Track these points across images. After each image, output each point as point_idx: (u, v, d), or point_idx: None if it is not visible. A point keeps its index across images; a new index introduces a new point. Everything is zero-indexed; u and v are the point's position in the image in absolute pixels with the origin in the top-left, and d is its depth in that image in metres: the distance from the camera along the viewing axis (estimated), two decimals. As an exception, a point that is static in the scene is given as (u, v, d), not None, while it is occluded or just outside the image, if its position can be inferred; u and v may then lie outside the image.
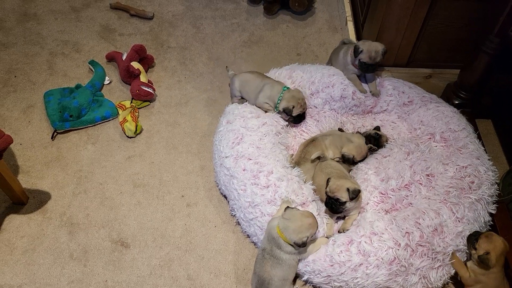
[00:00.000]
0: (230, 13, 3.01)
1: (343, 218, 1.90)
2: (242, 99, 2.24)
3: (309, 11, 3.04)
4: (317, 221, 1.69)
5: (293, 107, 2.08)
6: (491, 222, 1.92)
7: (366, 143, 2.09)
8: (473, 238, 1.72)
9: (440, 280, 1.76)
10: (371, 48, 2.13)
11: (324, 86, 2.28)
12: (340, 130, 2.17)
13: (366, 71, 2.21)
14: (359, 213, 1.89)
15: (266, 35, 2.89)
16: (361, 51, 2.13)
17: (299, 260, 1.74)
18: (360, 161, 2.06)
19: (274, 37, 2.89)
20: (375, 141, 2.13)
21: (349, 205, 1.77)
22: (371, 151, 2.11)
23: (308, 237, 1.63)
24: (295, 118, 2.14)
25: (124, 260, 1.88)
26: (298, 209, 1.72)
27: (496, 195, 1.96)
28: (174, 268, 1.87)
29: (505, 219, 1.92)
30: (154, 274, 1.85)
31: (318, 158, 2.00)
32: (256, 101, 2.16)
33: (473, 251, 1.69)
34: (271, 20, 2.99)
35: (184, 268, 1.87)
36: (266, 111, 2.16)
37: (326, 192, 1.79)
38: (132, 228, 1.98)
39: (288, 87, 2.15)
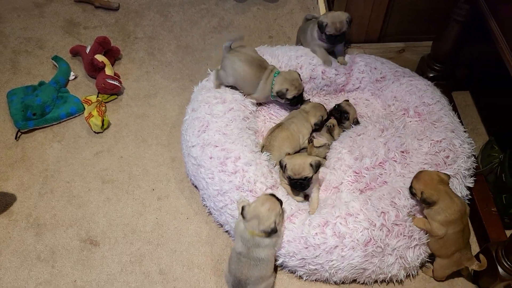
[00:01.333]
0: (199, -1, 2.92)
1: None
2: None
3: (280, -8, 2.95)
4: (276, 199, 1.62)
5: (287, 90, 2.00)
6: (470, 196, 1.87)
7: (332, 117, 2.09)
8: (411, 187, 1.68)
9: (418, 259, 1.71)
10: (335, 20, 2.07)
11: (293, 68, 2.21)
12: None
13: (335, 43, 2.15)
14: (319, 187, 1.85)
15: (237, 19, 2.81)
16: (326, 24, 2.07)
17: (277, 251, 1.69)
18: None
19: (244, 20, 2.81)
20: (336, 112, 2.08)
21: (314, 177, 1.74)
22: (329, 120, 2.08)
23: (275, 221, 1.56)
24: (291, 100, 2.05)
25: (93, 259, 1.82)
26: (251, 203, 1.63)
27: (473, 168, 1.91)
28: (145, 263, 1.81)
29: (484, 191, 1.87)
30: (125, 270, 1.79)
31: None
32: (251, 97, 2.09)
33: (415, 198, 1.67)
34: (241, 3, 2.90)
35: (155, 263, 1.81)
36: None
37: (289, 177, 1.74)
38: (101, 226, 1.92)
39: (279, 72, 2.05)
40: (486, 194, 1.86)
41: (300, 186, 1.75)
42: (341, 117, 2.07)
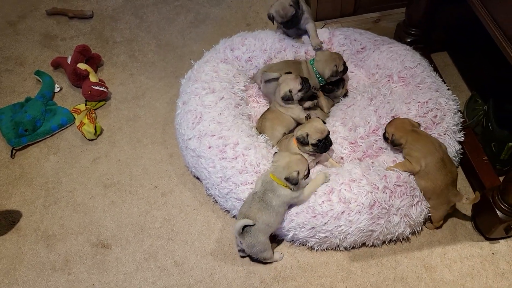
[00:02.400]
0: (171, -3, 2.94)
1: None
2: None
3: (250, -20, 2.98)
4: (306, 160, 1.68)
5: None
6: (462, 150, 1.94)
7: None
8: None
9: (421, 215, 1.78)
10: (278, 8, 2.11)
11: (276, 52, 2.26)
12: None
13: (291, 27, 2.19)
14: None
15: (212, 12, 2.84)
16: (273, 16, 2.13)
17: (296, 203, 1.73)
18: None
19: (220, 12, 2.83)
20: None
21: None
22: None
23: (298, 172, 1.61)
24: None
25: (108, 261, 1.85)
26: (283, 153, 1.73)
27: (460, 122, 1.98)
28: (159, 258, 1.85)
29: (473, 142, 1.94)
30: (141, 267, 1.83)
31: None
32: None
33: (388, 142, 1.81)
34: (214, -5, 2.93)
35: (169, 256, 1.85)
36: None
37: (319, 140, 1.77)
38: (110, 228, 1.94)
39: (313, 59, 2.09)
40: (475, 145, 1.93)
41: (330, 143, 1.81)
42: (338, 82, 2.12)
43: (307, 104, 2.08)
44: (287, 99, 1.94)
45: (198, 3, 2.88)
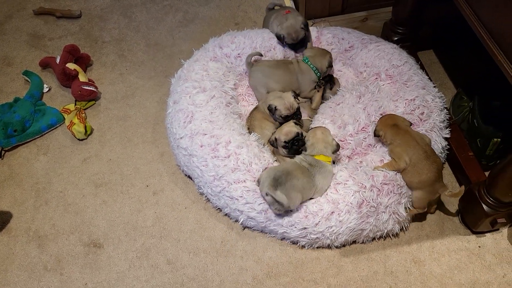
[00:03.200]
0: (160, -4, 2.94)
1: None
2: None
3: (239, -21, 3.00)
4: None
5: (283, 37, 2.13)
6: (448, 146, 1.98)
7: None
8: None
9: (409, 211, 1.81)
10: (290, 30, 2.16)
11: (266, 50, 2.27)
12: None
13: (297, 49, 2.24)
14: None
15: (201, 11, 2.84)
16: (283, 36, 2.17)
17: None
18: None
19: (209, 11, 2.84)
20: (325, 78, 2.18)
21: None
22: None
23: (333, 139, 1.84)
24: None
25: (100, 260, 1.85)
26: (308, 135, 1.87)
27: (447, 119, 2.02)
28: (152, 256, 1.86)
29: (459, 138, 1.98)
30: (133, 266, 1.83)
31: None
32: (303, 95, 2.20)
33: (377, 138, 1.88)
34: (202, -5, 2.94)
35: (162, 254, 1.86)
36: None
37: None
38: (102, 228, 1.94)
39: (306, 57, 2.14)
40: (461, 141, 1.98)
41: (302, 142, 1.85)
42: (330, 80, 2.17)
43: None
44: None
45: (187, 3, 2.89)
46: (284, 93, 2.03)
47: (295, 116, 1.99)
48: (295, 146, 1.85)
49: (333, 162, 1.84)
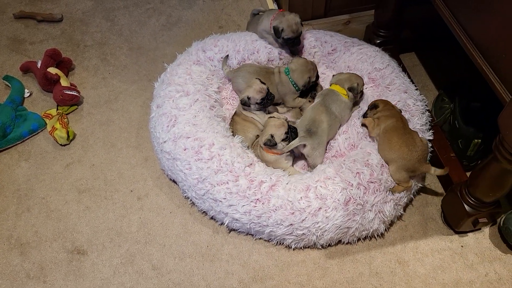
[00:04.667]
0: (143, -1, 2.92)
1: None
2: None
3: (222, -18, 3.00)
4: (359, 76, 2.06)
5: (309, 78, 2.07)
6: (432, 148, 2.00)
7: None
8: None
9: (394, 211, 1.83)
10: (291, 22, 2.09)
11: (250, 53, 2.27)
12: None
13: (293, 45, 2.20)
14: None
15: (184, 15, 2.84)
16: (282, 29, 2.10)
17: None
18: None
19: (192, 14, 2.84)
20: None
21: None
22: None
23: (358, 84, 2.01)
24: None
25: (84, 267, 1.83)
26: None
27: (429, 121, 2.04)
28: (137, 262, 1.84)
29: (441, 140, 2.01)
30: (118, 273, 1.81)
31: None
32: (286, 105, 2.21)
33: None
34: (186, -2, 2.93)
35: (147, 260, 1.84)
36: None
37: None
38: (86, 234, 1.92)
39: (287, 67, 2.12)
40: (443, 142, 2.01)
41: (295, 129, 1.90)
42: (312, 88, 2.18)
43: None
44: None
45: (170, 6, 2.88)
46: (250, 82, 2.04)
47: (268, 98, 2.00)
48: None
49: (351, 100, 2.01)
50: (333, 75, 2.09)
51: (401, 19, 2.30)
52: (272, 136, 1.84)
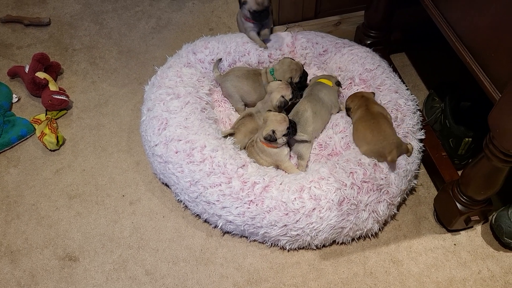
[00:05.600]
0: (132, 2, 2.90)
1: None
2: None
3: (211, -15, 2.99)
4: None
5: (290, 78, 2.08)
6: (423, 148, 2.01)
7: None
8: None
9: (387, 210, 1.83)
10: None
11: (240, 55, 2.27)
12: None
13: (261, 19, 2.20)
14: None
15: (174, 17, 2.82)
16: (245, 1, 2.14)
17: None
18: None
19: (182, 17, 2.82)
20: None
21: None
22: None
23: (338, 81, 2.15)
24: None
25: (76, 274, 1.80)
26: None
27: (420, 121, 2.05)
28: (130, 267, 1.82)
29: (432, 139, 2.02)
30: (111, 279, 1.79)
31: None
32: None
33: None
34: (175, 1, 2.92)
35: (140, 265, 1.82)
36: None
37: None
38: (77, 240, 1.89)
39: (272, 68, 2.12)
40: (435, 141, 2.02)
41: (295, 124, 1.92)
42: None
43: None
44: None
45: (160, 9, 2.86)
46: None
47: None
48: (293, 129, 1.91)
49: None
50: (311, 79, 2.16)
51: (391, 20, 2.31)
52: (273, 131, 1.84)
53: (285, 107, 2.00)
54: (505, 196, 1.94)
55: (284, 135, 1.85)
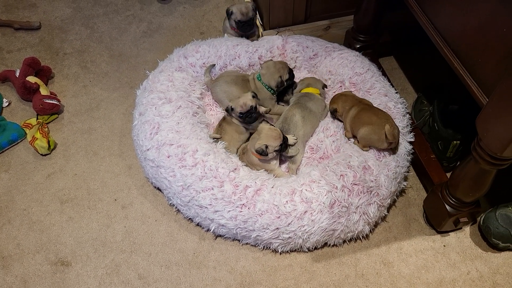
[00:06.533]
0: (123, 6, 2.90)
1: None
2: None
3: (202, -11, 3.01)
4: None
5: (280, 77, 2.10)
6: (413, 150, 2.03)
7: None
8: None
9: (378, 212, 1.86)
10: (241, 6, 2.30)
11: (231, 58, 2.29)
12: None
13: (245, 30, 2.36)
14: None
15: (165, 21, 2.83)
16: (232, 12, 2.29)
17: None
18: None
19: (173, 21, 2.83)
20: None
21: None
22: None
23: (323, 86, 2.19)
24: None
25: (68, 279, 1.80)
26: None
27: (409, 124, 2.08)
28: (122, 272, 1.82)
29: (421, 141, 2.05)
30: (103, 283, 1.79)
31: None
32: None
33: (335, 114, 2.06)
34: (166, 5, 2.93)
35: (133, 270, 1.83)
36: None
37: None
38: (70, 245, 1.89)
39: (259, 74, 2.14)
40: (424, 144, 2.05)
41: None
42: (288, 88, 2.21)
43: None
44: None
45: (150, 13, 2.87)
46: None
47: (251, 113, 1.97)
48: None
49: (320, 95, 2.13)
50: (298, 83, 2.20)
51: (379, 24, 2.35)
52: (266, 146, 1.85)
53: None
54: (493, 197, 1.97)
55: (275, 151, 1.88)
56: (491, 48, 1.41)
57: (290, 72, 2.14)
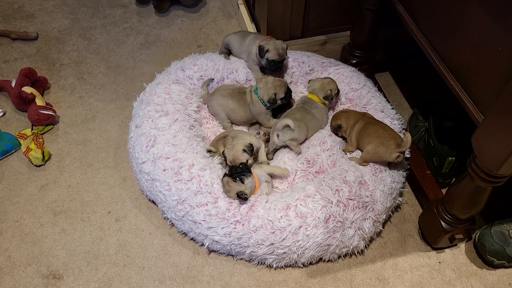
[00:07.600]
0: (121, 18, 2.91)
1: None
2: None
3: (201, 2, 3.03)
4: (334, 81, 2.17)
5: (267, 50, 2.10)
6: (408, 166, 2.04)
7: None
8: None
9: (373, 227, 1.85)
10: (277, 46, 2.12)
11: (229, 72, 2.29)
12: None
13: (275, 69, 2.20)
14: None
15: (163, 34, 2.84)
16: (267, 50, 2.11)
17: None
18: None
19: (171, 34, 2.84)
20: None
21: (251, 161, 1.90)
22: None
23: (331, 90, 2.12)
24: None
25: (59, 293, 1.77)
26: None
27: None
28: (115, 286, 1.79)
29: (417, 157, 2.06)
30: (95, 298, 1.77)
31: None
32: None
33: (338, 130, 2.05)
34: (164, 18, 2.94)
35: (126, 283, 1.80)
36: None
37: (230, 166, 1.86)
38: (62, 258, 1.87)
39: (256, 87, 2.14)
40: (419, 160, 2.05)
41: (241, 171, 1.79)
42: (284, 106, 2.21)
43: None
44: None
45: (148, 25, 2.88)
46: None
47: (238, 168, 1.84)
48: (235, 170, 1.80)
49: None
50: (309, 81, 2.19)
51: (375, 40, 2.37)
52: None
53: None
54: (488, 214, 1.98)
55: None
56: (487, 67, 1.43)
57: (287, 92, 2.13)
